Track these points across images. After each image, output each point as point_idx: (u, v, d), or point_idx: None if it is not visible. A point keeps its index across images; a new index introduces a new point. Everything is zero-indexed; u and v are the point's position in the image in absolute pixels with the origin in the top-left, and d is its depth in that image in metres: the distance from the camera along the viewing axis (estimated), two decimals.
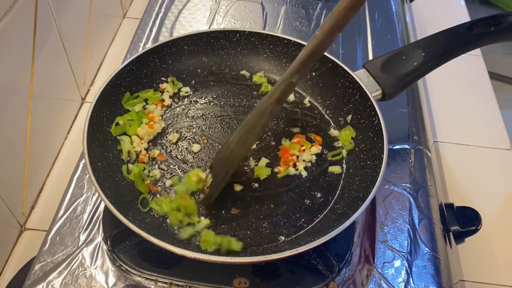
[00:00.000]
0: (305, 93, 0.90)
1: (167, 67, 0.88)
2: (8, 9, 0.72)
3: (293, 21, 1.15)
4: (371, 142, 0.77)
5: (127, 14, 1.25)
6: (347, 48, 1.09)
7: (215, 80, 0.91)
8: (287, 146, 0.80)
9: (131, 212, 0.68)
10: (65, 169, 0.92)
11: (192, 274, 0.69)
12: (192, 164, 0.78)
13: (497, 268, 0.86)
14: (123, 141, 0.77)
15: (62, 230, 0.73)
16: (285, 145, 0.81)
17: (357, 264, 0.72)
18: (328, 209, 0.73)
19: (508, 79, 2.34)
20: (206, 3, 1.17)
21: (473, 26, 0.80)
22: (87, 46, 1.03)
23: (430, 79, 1.16)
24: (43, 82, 0.85)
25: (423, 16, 1.32)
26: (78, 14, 0.98)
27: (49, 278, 0.67)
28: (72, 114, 1.00)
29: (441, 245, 0.76)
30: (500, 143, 1.05)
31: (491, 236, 0.90)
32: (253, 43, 0.91)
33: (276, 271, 0.70)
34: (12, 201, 0.79)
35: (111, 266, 0.69)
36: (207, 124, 0.85)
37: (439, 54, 0.80)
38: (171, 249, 0.60)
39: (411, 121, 0.94)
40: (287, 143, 0.81)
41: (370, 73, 0.81)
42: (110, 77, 0.78)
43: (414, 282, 0.71)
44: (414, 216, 0.78)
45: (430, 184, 0.84)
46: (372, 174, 0.72)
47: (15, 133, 0.79)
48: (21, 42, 0.77)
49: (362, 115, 0.80)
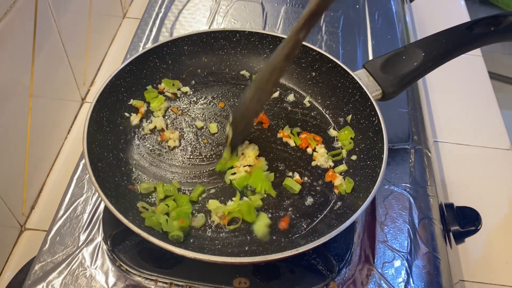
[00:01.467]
0: (305, 93, 0.90)
1: (167, 67, 0.88)
2: (8, 9, 0.72)
3: (293, 21, 1.15)
4: (371, 142, 0.77)
5: (127, 14, 1.25)
6: (347, 48, 1.09)
7: (215, 80, 0.91)
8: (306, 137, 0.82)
9: (131, 212, 0.68)
10: (65, 169, 0.92)
11: (192, 274, 0.69)
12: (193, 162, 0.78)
13: (497, 268, 0.86)
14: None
15: (62, 230, 0.73)
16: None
17: (357, 264, 0.72)
18: (328, 209, 0.73)
19: (508, 79, 2.34)
20: (206, 3, 1.17)
21: (473, 26, 0.81)
22: (87, 46, 1.03)
23: (430, 79, 1.16)
24: (43, 82, 0.85)
25: (423, 16, 1.33)
26: (78, 14, 0.98)
27: (49, 278, 0.67)
28: (72, 114, 1.00)
29: (441, 245, 0.76)
30: (500, 143, 1.05)
31: (491, 236, 0.90)
32: (253, 43, 0.91)
33: (276, 271, 0.70)
34: (12, 201, 0.79)
35: (111, 266, 0.69)
36: (207, 124, 0.84)
37: (439, 54, 0.80)
38: (171, 249, 0.60)
39: (411, 121, 0.94)
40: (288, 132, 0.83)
41: (370, 73, 0.81)
42: (110, 77, 0.78)
43: (414, 282, 0.71)
44: (414, 216, 0.78)
45: (430, 184, 0.84)
46: (372, 174, 0.72)
47: (15, 133, 0.79)
48: (21, 42, 0.77)
49: (362, 115, 0.80)
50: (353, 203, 0.70)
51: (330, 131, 0.84)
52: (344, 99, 0.84)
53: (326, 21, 1.15)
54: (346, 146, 0.81)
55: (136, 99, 0.84)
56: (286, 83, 0.92)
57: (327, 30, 1.13)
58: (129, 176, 0.75)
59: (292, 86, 0.91)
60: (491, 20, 0.80)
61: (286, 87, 0.91)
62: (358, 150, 0.80)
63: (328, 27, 1.14)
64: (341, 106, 0.85)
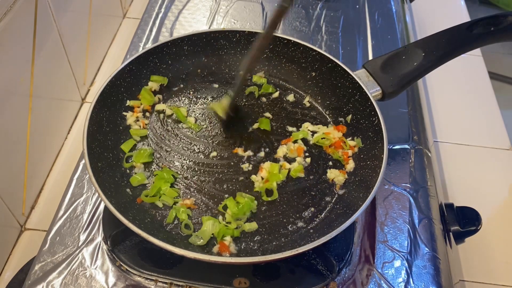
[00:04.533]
0: (305, 93, 0.90)
1: (167, 67, 0.88)
2: (8, 9, 0.72)
3: (293, 21, 1.15)
4: (371, 142, 0.77)
5: (127, 14, 1.25)
6: (347, 48, 1.09)
7: (215, 80, 0.91)
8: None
9: (131, 212, 0.68)
10: (65, 169, 0.92)
11: (192, 274, 0.69)
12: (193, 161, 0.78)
13: (497, 268, 0.86)
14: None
15: (62, 230, 0.73)
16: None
17: (357, 264, 0.72)
18: (328, 209, 0.73)
19: (508, 79, 2.34)
20: (206, 3, 1.17)
21: (473, 26, 0.80)
22: (87, 46, 1.03)
23: (430, 79, 1.16)
24: (43, 82, 0.85)
25: (423, 16, 1.33)
26: (78, 14, 0.98)
27: (49, 278, 0.67)
28: (72, 114, 1.00)
29: (441, 245, 0.76)
30: (500, 143, 1.05)
31: (491, 236, 0.90)
32: (253, 43, 0.91)
33: (276, 271, 0.70)
34: (12, 201, 0.79)
35: (111, 266, 0.69)
36: (206, 124, 0.85)
37: (439, 54, 0.80)
38: (171, 249, 0.60)
39: (411, 121, 0.94)
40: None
41: (370, 73, 0.81)
42: (110, 77, 0.78)
43: (414, 282, 0.71)
44: (414, 216, 0.78)
45: (430, 184, 0.84)
46: (372, 174, 0.72)
47: (15, 133, 0.79)
48: (21, 42, 0.77)
49: (362, 115, 0.80)
50: (353, 203, 0.70)
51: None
52: (344, 99, 0.84)
53: (326, 21, 1.15)
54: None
55: (134, 99, 0.84)
56: (286, 83, 0.91)
57: (327, 30, 1.13)
58: (129, 176, 0.75)
59: (292, 86, 0.91)
60: (491, 20, 0.80)
61: (286, 87, 0.91)
62: (358, 150, 0.80)
63: (328, 27, 1.14)
64: (341, 106, 0.85)
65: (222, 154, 0.80)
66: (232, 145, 0.81)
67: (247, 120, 0.86)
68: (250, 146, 0.81)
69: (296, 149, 0.80)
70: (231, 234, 0.69)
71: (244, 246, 0.69)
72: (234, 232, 0.69)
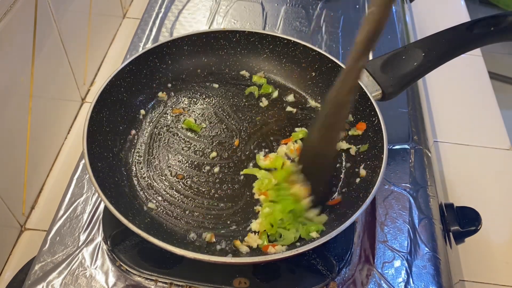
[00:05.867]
0: (305, 93, 0.90)
1: (167, 67, 0.88)
2: (8, 9, 0.72)
3: (293, 21, 1.15)
4: (371, 142, 0.77)
5: (127, 14, 1.25)
6: (347, 48, 1.09)
7: (215, 80, 0.91)
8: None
9: (131, 212, 0.68)
10: (65, 169, 0.92)
11: (192, 274, 0.69)
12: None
13: (497, 268, 0.86)
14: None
15: (62, 230, 0.73)
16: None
17: (357, 264, 0.72)
18: (328, 209, 0.73)
19: (508, 79, 2.34)
20: (206, 3, 1.17)
21: (473, 26, 0.80)
22: (87, 46, 1.03)
23: (430, 79, 1.16)
24: (43, 82, 0.85)
25: (423, 16, 1.32)
26: (78, 14, 0.98)
27: (49, 278, 0.67)
28: (72, 114, 1.00)
29: (441, 245, 0.76)
30: (500, 143, 1.05)
31: (491, 236, 0.90)
32: (253, 43, 0.91)
33: (276, 271, 0.70)
34: (12, 201, 0.79)
35: (111, 266, 0.69)
36: (206, 124, 0.85)
37: (439, 54, 0.80)
38: (171, 249, 0.60)
39: (411, 121, 0.94)
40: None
41: (370, 73, 0.81)
42: (110, 77, 0.78)
43: (414, 282, 0.71)
44: (414, 216, 0.78)
45: (430, 184, 0.84)
46: (372, 174, 0.72)
47: (15, 133, 0.79)
48: (21, 42, 0.77)
49: (362, 115, 0.80)
50: (353, 203, 0.70)
51: None
52: None
53: (326, 21, 1.15)
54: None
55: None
56: (286, 83, 0.92)
57: (327, 30, 1.13)
58: (129, 176, 0.75)
59: (292, 86, 0.91)
60: (491, 20, 0.80)
61: (286, 87, 0.91)
62: (358, 151, 0.80)
63: (328, 27, 1.14)
64: None
65: (222, 154, 0.80)
66: (232, 145, 0.81)
67: (247, 120, 0.86)
68: (250, 146, 0.81)
69: (296, 149, 0.80)
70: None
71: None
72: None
